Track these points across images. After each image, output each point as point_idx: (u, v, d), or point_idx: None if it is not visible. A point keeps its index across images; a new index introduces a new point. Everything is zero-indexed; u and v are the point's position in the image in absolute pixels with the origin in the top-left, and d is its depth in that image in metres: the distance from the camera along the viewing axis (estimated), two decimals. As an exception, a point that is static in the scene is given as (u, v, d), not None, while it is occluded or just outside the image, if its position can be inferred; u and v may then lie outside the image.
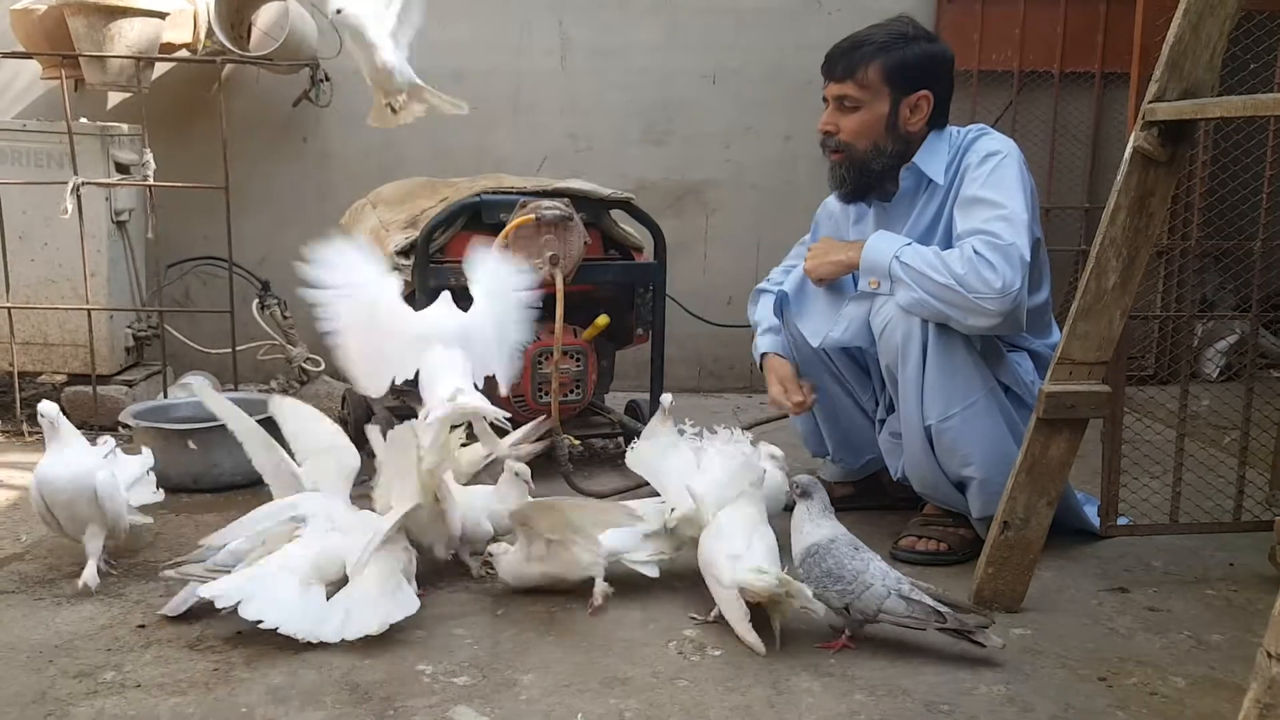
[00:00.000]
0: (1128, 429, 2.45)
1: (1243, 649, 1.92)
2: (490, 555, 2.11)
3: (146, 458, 2.33)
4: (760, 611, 1.89)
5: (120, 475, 2.17)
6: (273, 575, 1.90)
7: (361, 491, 2.23)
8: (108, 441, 2.28)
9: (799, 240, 2.71)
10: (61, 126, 3.06)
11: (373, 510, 2.16)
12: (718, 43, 3.89)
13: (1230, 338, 4.02)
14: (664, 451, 2.25)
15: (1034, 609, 2.07)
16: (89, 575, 2.05)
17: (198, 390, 2.60)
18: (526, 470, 2.18)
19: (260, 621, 1.83)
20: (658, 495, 2.22)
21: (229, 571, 1.93)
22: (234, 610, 1.84)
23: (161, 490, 2.33)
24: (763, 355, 2.59)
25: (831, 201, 2.57)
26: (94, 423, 3.18)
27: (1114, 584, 2.23)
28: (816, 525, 1.94)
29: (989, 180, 2.24)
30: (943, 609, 1.81)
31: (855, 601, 1.84)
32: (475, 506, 2.21)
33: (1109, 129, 4.00)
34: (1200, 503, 2.48)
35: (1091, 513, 2.47)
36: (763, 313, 2.63)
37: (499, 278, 2.26)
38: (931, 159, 2.35)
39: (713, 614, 1.98)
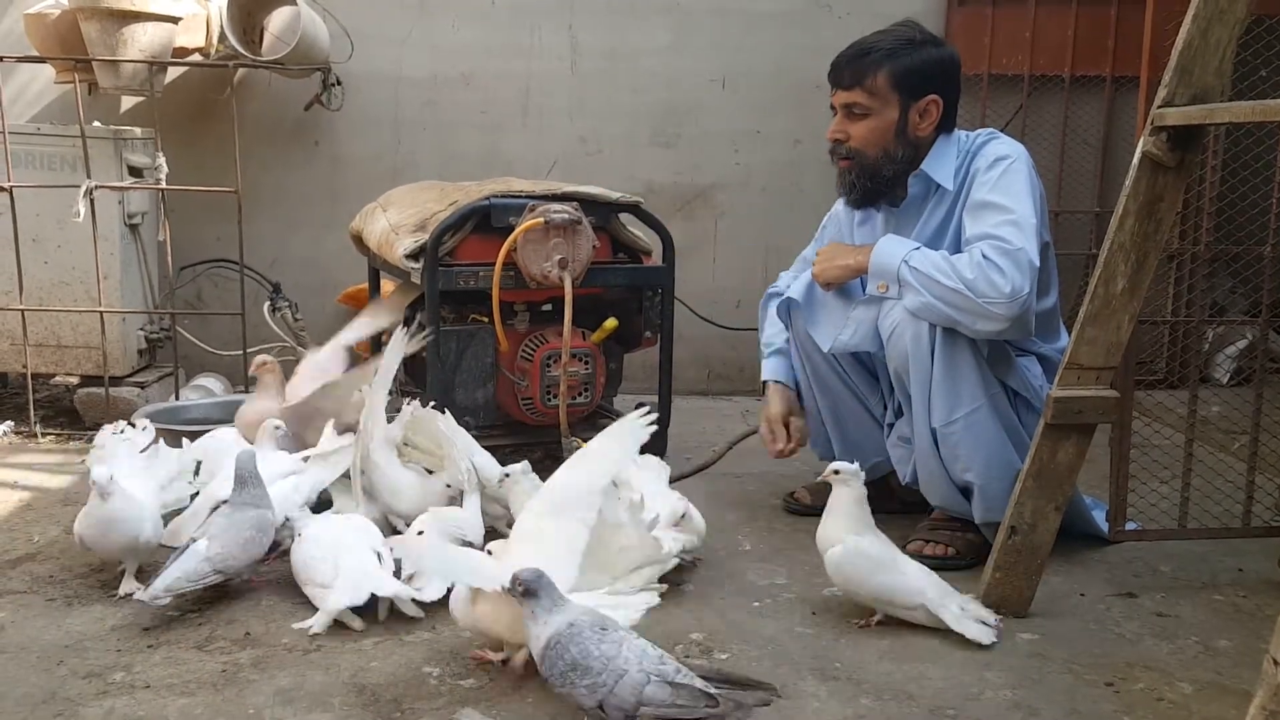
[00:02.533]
0: (1137, 434, 2.44)
1: (1251, 655, 1.91)
2: None
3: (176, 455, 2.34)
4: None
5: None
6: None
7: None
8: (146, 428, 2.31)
9: (811, 245, 2.72)
10: (75, 130, 3.08)
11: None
12: (727, 46, 3.89)
13: (1240, 342, 4.00)
14: None
15: (1041, 614, 2.07)
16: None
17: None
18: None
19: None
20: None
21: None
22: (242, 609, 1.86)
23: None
24: (764, 382, 2.65)
25: (840, 208, 2.57)
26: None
27: (1122, 589, 2.22)
28: (549, 617, 1.59)
29: (998, 185, 2.23)
30: (714, 690, 1.51)
31: (609, 697, 1.51)
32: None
33: (1119, 133, 3.99)
34: (1209, 508, 2.47)
35: (1100, 517, 2.46)
36: (770, 332, 2.67)
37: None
38: (940, 164, 2.35)
39: None
